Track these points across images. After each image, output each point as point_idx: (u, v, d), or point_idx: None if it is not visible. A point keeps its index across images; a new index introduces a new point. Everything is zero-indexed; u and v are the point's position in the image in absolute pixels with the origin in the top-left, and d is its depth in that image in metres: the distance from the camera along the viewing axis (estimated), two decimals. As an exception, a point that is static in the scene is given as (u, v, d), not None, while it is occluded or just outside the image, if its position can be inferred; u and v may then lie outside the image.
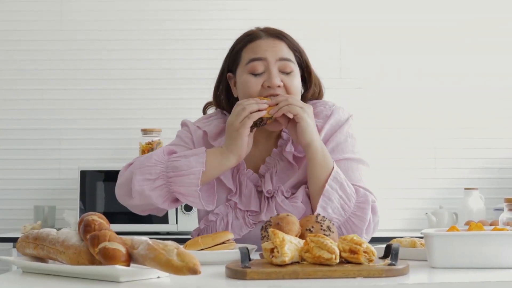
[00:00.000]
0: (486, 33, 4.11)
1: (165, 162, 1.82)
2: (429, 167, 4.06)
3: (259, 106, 1.78)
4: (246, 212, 1.90)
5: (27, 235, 1.44)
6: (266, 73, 1.87)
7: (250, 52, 1.90)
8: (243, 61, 1.91)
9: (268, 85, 1.86)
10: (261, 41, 1.91)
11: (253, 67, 1.88)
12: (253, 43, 1.91)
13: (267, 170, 1.92)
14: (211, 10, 4.12)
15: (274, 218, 1.58)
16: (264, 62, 1.87)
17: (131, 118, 4.07)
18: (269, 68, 1.87)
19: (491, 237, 1.36)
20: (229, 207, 1.91)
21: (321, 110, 1.96)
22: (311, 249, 1.31)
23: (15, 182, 4.04)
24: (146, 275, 1.26)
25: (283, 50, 1.90)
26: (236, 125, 1.77)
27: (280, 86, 1.86)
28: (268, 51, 1.88)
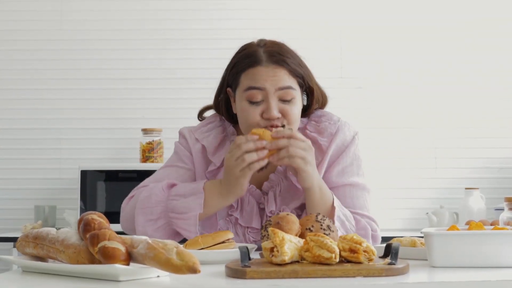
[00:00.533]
0: (486, 33, 4.11)
1: (165, 200, 1.80)
2: (429, 167, 4.06)
3: (259, 155, 1.70)
4: (247, 229, 1.88)
5: (27, 235, 1.44)
6: (265, 103, 1.81)
7: (249, 79, 1.83)
8: (241, 86, 1.85)
9: (267, 117, 1.81)
10: (261, 68, 1.83)
11: (252, 96, 1.82)
12: (253, 69, 1.84)
13: (270, 188, 1.89)
14: (211, 10, 4.12)
15: (274, 217, 1.58)
16: (263, 92, 1.81)
17: (131, 117, 4.07)
18: (268, 99, 1.81)
19: (491, 236, 1.35)
20: (229, 222, 1.89)
21: (326, 126, 1.91)
22: (311, 248, 1.30)
23: (16, 181, 4.04)
24: (145, 274, 1.26)
25: (283, 79, 1.82)
26: (236, 174, 1.71)
27: (279, 118, 1.81)
28: (268, 81, 1.81)
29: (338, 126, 1.92)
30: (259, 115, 1.82)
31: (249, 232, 1.88)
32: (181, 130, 1.99)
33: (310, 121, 1.95)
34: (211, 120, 1.99)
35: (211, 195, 1.77)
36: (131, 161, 3.99)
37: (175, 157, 1.96)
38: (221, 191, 1.77)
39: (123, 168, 3.71)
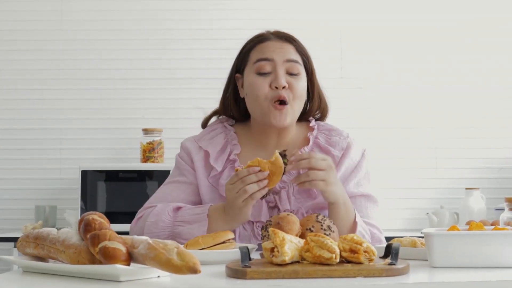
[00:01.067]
0: (486, 33, 4.10)
1: (171, 226, 1.83)
2: (430, 167, 4.06)
3: (260, 186, 1.70)
4: (255, 223, 1.89)
5: (28, 235, 1.44)
6: (273, 74, 1.89)
7: (258, 53, 1.93)
8: (251, 61, 1.94)
9: (275, 86, 1.87)
10: (269, 42, 1.94)
11: (260, 67, 1.90)
12: (261, 44, 1.94)
13: (282, 188, 1.91)
14: (211, 10, 4.12)
15: (275, 217, 1.58)
16: (272, 63, 1.90)
17: (132, 117, 4.07)
18: (276, 69, 1.89)
19: (491, 237, 1.35)
20: None
21: (337, 141, 1.97)
22: (311, 249, 1.31)
23: (16, 182, 4.04)
24: (146, 274, 1.26)
25: (290, 52, 1.93)
26: (238, 204, 1.72)
27: (286, 87, 1.88)
28: (276, 52, 1.91)
29: (348, 141, 1.98)
30: (267, 86, 1.89)
31: (257, 227, 1.89)
32: (182, 143, 2.03)
33: (319, 132, 2.00)
34: (213, 128, 2.03)
35: (215, 221, 1.79)
36: (131, 161, 3.99)
37: (176, 172, 2.00)
38: (225, 218, 1.79)
39: (124, 168, 3.72)
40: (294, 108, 1.90)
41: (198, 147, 1.98)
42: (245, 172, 1.71)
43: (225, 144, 1.97)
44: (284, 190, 1.90)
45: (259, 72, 1.90)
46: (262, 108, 1.89)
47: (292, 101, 1.88)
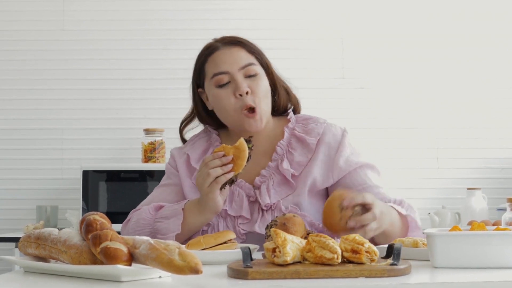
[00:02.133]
0: (487, 33, 4.10)
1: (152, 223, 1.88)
2: (431, 167, 4.06)
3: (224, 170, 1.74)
4: (237, 219, 1.90)
5: (29, 235, 1.44)
6: (233, 83, 1.91)
7: (211, 67, 1.94)
8: (207, 75, 1.96)
9: (239, 94, 1.89)
10: (219, 52, 1.95)
11: (218, 80, 1.92)
12: (212, 56, 1.95)
13: (262, 182, 1.93)
14: (213, 10, 4.12)
15: (281, 218, 1.58)
16: (228, 75, 1.91)
17: (133, 118, 4.07)
18: (234, 78, 1.90)
19: (493, 237, 1.35)
20: (220, 216, 1.92)
21: (313, 127, 1.97)
22: (313, 249, 1.30)
23: (18, 182, 4.05)
24: (147, 274, 1.26)
25: (242, 57, 1.94)
26: (205, 190, 1.77)
27: (249, 92, 1.89)
28: (228, 62, 1.92)
29: (324, 126, 1.97)
30: (232, 96, 1.90)
31: (239, 224, 1.90)
32: (171, 151, 2.10)
33: (297, 123, 2.02)
34: (197, 135, 2.09)
35: (190, 214, 1.84)
36: (133, 161, 3.99)
37: (164, 176, 2.09)
38: (199, 208, 1.83)
39: (125, 168, 3.72)
40: (263, 109, 1.91)
41: (183, 152, 2.04)
42: (210, 157, 1.76)
43: (207, 146, 2.02)
44: (264, 184, 1.92)
45: (218, 85, 1.92)
46: (233, 119, 1.92)
47: (259, 104, 1.90)
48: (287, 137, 1.97)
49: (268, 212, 1.89)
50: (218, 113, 1.96)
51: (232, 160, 1.74)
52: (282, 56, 4.11)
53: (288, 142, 1.96)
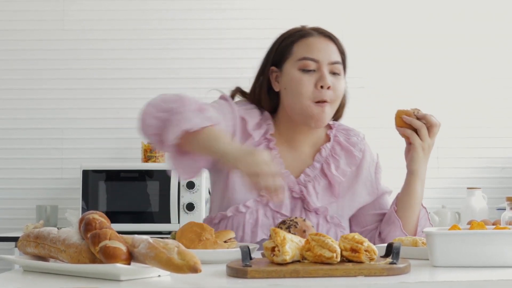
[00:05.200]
0: (487, 33, 4.10)
1: (184, 104, 1.74)
2: (431, 167, 4.03)
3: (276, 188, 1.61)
4: (276, 213, 1.87)
5: (28, 234, 1.44)
6: (318, 72, 1.87)
7: (303, 49, 1.89)
8: (294, 55, 1.89)
9: (321, 85, 1.85)
10: (314, 39, 1.90)
11: (306, 65, 1.87)
12: (306, 39, 1.90)
13: (307, 182, 1.91)
14: (214, 10, 4.12)
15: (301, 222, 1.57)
16: (317, 64, 1.87)
17: (133, 117, 4.03)
18: (321, 69, 1.87)
19: (492, 236, 1.35)
20: (260, 203, 1.87)
21: (356, 141, 2.00)
22: (312, 248, 1.30)
23: (18, 181, 4.04)
24: (146, 273, 1.26)
25: (334, 53, 1.91)
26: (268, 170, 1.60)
27: (330, 88, 1.86)
28: (322, 52, 1.88)
29: (365, 144, 2.03)
30: (312, 84, 1.86)
31: (279, 217, 1.86)
32: (225, 95, 1.98)
33: (338, 131, 2.01)
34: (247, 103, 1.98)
35: (214, 135, 1.70)
36: (132, 161, 3.99)
37: (215, 104, 1.91)
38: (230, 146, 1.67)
39: (125, 168, 3.71)
40: (332, 109, 1.90)
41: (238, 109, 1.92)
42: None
43: (261, 120, 1.94)
44: (310, 184, 1.90)
45: (303, 69, 1.87)
46: (302, 106, 1.87)
47: (333, 102, 1.88)
48: (332, 142, 1.97)
49: (312, 213, 1.88)
50: (289, 95, 1.89)
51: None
52: (282, 55, 4.11)
53: (332, 147, 1.96)
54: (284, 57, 1.91)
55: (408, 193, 1.96)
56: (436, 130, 1.90)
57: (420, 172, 1.93)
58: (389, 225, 1.92)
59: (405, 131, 1.89)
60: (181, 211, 3.58)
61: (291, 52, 1.90)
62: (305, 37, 1.90)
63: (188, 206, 3.57)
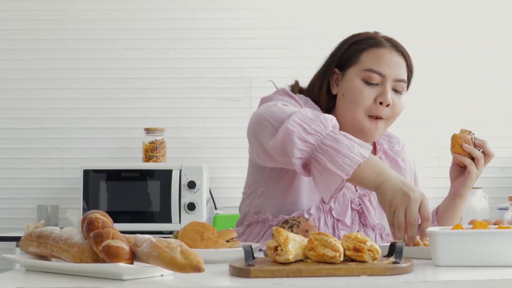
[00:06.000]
0: (488, 33, 4.10)
1: (328, 126, 1.59)
2: (432, 167, 4.05)
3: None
4: (337, 222, 1.84)
5: (30, 233, 1.43)
6: (381, 87, 1.82)
7: (372, 60, 1.83)
8: (361, 64, 1.84)
9: (380, 101, 1.81)
10: (385, 50, 1.84)
11: (370, 77, 1.81)
12: (377, 50, 1.84)
13: (363, 196, 1.88)
14: (215, 9, 4.12)
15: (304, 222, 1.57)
16: (382, 78, 1.82)
17: (134, 117, 4.07)
18: (385, 84, 1.82)
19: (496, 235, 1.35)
20: (322, 211, 1.83)
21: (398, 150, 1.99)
22: (315, 247, 1.30)
23: (18, 181, 4.04)
24: (149, 273, 1.26)
25: (402, 70, 1.85)
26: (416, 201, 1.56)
27: (389, 105, 1.82)
28: (391, 67, 1.82)
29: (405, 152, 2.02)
30: (372, 98, 1.81)
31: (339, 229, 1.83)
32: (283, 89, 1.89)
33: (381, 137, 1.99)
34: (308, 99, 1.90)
35: (377, 162, 1.56)
36: (133, 160, 3.99)
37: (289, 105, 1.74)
38: (397, 178, 1.55)
39: (126, 168, 3.71)
40: (386, 126, 1.86)
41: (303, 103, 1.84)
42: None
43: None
44: (366, 198, 1.87)
45: (367, 81, 1.82)
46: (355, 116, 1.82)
47: (388, 119, 1.84)
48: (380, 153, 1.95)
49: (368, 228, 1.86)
50: (346, 103, 1.83)
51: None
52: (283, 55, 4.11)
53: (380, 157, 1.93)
54: (350, 62, 1.85)
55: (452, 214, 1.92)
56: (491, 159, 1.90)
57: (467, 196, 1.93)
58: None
59: (464, 160, 1.89)
60: (182, 210, 3.58)
61: (359, 59, 1.84)
62: (376, 46, 1.84)
63: (189, 206, 3.57)
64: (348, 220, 1.84)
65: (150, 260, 1.23)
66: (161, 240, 1.24)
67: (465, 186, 1.88)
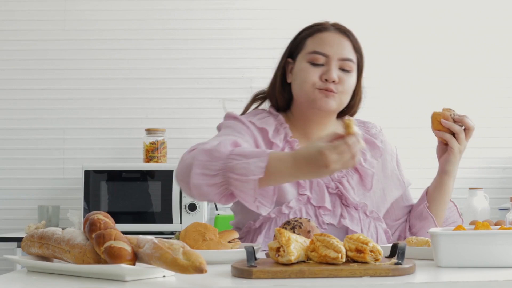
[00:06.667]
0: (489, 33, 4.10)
1: (225, 158, 1.64)
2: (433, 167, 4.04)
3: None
4: (318, 209, 1.87)
5: (32, 234, 1.43)
6: (326, 66, 1.87)
7: (315, 43, 1.90)
8: (306, 49, 1.91)
9: (325, 78, 1.85)
10: (328, 33, 1.91)
11: (314, 58, 1.88)
12: (320, 34, 1.91)
13: (341, 177, 1.91)
14: (215, 10, 4.12)
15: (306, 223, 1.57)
16: (326, 58, 1.88)
17: (135, 117, 4.07)
18: (329, 63, 1.87)
19: (497, 236, 1.35)
20: (301, 202, 1.86)
21: (376, 133, 2.01)
22: (317, 248, 1.30)
23: (19, 182, 4.04)
24: (151, 274, 1.26)
25: (347, 50, 1.90)
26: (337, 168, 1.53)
27: (336, 82, 1.86)
28: (334, 48, 1.88)
29: (383, 134, 2.05)
30: (318, 76, 1.86)
31: (322, 215, 1.86)
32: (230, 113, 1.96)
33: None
34: (259, 112, 1.98)
35: (279, 165, 1.60)
36: (134, 161, 3.99)
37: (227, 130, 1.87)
38: (298, 170, 1.58)
39: (127, 168, 3.71)
40: (341, 98, 1.88)
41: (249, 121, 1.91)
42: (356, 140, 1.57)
43: (277, 126, 1.93)
44: (344, 179, 1.90)
45: (312, 62, 1.88)
46: (307, 93, 1.87)
47: (340, 93, 1.87)
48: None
49: (351, 209, 1.89)
50: (296, 84, 1.90)
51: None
52: (284, 55, 4.10)
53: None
54: (298, 49, 1.93)
55: (441, 191, 2.00)
56: (472, 133, 1.97)
57: (454, 172, 1.98)
58: (421, 221, 1.96)
59: (443, 135, 1.95)
60: (183, 211, 3.58)
61: (305, 45, 1.91)
62: (320, 31, 1.91)
63: (190, 207, 3.57)
64: (328, 204, 1.87)
65: (152, 261, 1.23)
66: (163, 241, 1.24)
67: (449, 162, 1.94)
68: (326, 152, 1.52)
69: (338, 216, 1.87)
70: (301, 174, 1.60)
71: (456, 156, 1.93)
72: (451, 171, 1.96)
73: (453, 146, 1.93)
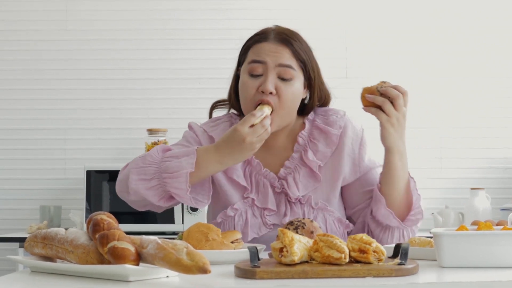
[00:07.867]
0: (491, 33, 4.10)
1: (158, 162, 1.83)
2: (435, 167, 4.05)
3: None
4: (263, 211, 1.90)
5: (36, 235, 1.44)
6: (263, 77, 1.87)
7: (253, 53, 1.91)
8: (247, 59, 1.93)
9: (262, 90, 1.85)
10: (266, 44, 1.90)
11: (253, 68, 1.88)
12: (259, 45, 1.91)
13: (287, 174, 1.92)
14: (215, 10, 4.12)
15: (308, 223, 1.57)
16: (264, 66, 1.88)
17: (136, 118, 4.07)
18: (266, 73, 1.87)
19: (500, 237, 1.35)
20: (247, 204, 1.91)
21: (335, 119, 1.97)
22: (320, 249, 1.30)
23: (21, 182, 4.05)
24: (155, 274, 1.26)
25: (284, 56, 1.88)
26: (254, 148, 1.76)
27: (273, 93, 1.85)
28: (270, 55, 1.88)
29: (345, 119, 1.99)
30: (255, 88, 1.87)
31: (266, 215, 1.90)
32: (189, 123, 2.06)
33: (317, 115, 2.01)
34: (218, 118, 2.05)
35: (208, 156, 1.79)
36: (136, 161, 3.98)
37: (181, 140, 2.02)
38: (221, 157, 1.78)
39: (128, 168, 3.71)
40: (279, 114, 1.86)
41: (202, 130, 2.00)
42: (261, 113, 1.78)
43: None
44: (290, 176, 1.92)
45: (251, 73, 1.88)
46: (246, 109, 1.89)
47: (278, 108, 1.85)
48: (309, 128, 1.96)
49: (297, 204, 1.90)
50: (240, 99, 1.93)
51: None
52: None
53: (310, 133, 1.95)
54: (242, 60, 1.96)
55: (388, 170, 1.88)
56: (401, 101, 1.88)
57: (396, 147, 1.88)
58: (376, 203, 1.88)
59: (369, 110, 1.85)
60: (185, 211, 3.58)
61: (246, 55, 1.94)
62: (259, 42, 1.91)
63: (192, 207, 3.57)
64: (273, 205, 1.90)
65: (156, 262, 1.23)
66: (167, 242, 1.24)
67: (385, 137, 1.85)
68: (238, 127, 1.74)
69: (282, 215, 1.90)
70: (226, 157, 1.77)
71: (388, 129, 1.84)
72: (391, 146, 1.87)
73: (380, 119, 1.84)
